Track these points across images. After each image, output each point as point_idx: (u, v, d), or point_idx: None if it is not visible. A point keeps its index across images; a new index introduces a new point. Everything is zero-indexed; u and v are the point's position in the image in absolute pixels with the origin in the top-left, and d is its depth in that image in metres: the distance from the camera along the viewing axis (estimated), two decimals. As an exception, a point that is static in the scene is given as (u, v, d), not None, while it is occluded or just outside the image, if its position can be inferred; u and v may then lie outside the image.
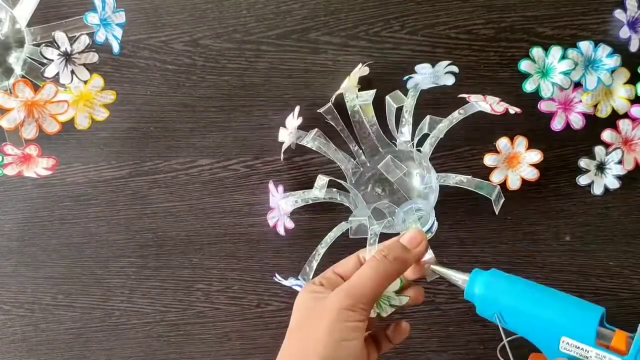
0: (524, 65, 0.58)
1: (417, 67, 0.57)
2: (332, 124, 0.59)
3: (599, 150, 0.59)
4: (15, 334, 0.63)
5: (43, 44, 0.52)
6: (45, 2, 0.59)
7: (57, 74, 0.53)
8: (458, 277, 0.47)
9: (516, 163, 0.59)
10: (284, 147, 0.59)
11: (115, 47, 0.56)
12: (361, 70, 0.59)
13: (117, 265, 0.63)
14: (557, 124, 0.59)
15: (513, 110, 0.54)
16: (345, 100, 0.59)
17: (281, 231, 0.59)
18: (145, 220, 0.62)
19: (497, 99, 0.55)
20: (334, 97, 0.60)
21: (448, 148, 0.61)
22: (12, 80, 0.56)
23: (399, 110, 0.58)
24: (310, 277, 0.56)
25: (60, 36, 0.53)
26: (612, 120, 0.59)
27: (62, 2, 0.60)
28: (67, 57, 0.53)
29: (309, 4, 0.61)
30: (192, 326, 0.63)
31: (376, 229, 0.52)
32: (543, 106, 0.59)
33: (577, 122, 0.59)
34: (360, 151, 0.60)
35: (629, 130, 0.59)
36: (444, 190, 0.59)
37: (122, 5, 0.57)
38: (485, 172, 0.59)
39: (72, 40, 0.53)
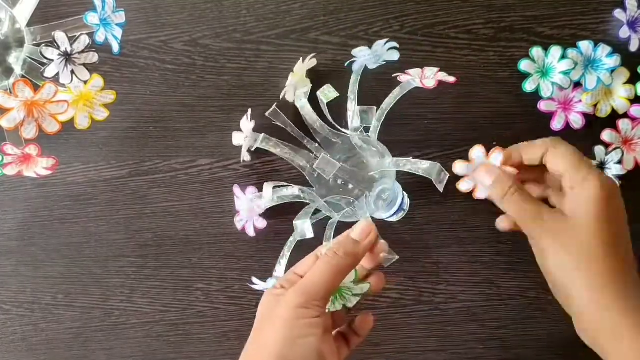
0: (524, 65, 0.58)
1: (354, 51, 0.56)
2: (281, 125, 0.59)
3: (598, 150, 0.59)
4: (15, 334, 0.63)
5: (43, 44, 0.52)
6: (45, 1, 0.59)
7: (57, 73, 0.53)
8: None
9: None
10: (244, 150, 0.59)
11: (115, 47, 0.56)
12: (308, 63, 0.59)
13: (117, 265, 0.63)
14: (556, 124, 0.59)
15: (450, 80, 0.53)
16: (294, 97, 0.60)
17: (251, 232, 0.60)
18: (145, 220, 0.62)
19: (435, 69, 0.54)
20: (281, 95, 0.59)
21: (448, 148, 0.61)
22: (12, 80, 0.56)
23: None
24: (282, 275, 0.57)
25: (60, 36, 0.53)
26: (612, 120, 0.59)
27: (61, 1, 0.60)
28: (67, 57, 0.53)
29: (308, 3, 0.61)
30: (191, 326, 0.63)
31: (334, 221, 0.52)
32: (543, 106, 0.59)
33: (577, 122, 0.59)
34: (317, 145, 0.60)
35: (629, 130, 0.59)
36: (443, 189, 0.59)
37: (122, 5, 0.57)
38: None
39: (72, 40, 0.53)
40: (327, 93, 0.59)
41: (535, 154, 0.49)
